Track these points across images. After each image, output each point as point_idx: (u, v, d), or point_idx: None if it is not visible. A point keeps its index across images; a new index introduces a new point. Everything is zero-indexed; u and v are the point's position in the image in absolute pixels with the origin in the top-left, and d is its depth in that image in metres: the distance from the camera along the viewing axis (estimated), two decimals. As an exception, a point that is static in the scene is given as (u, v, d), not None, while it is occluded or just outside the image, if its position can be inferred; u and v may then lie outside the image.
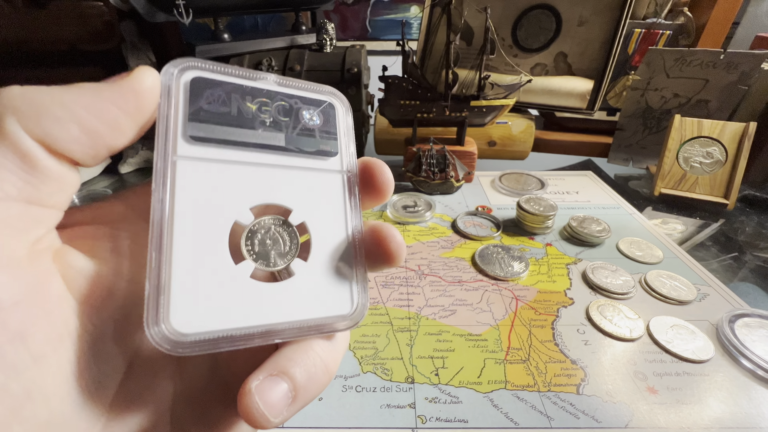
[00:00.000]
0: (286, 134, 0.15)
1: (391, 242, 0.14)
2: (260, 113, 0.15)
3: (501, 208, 0.55)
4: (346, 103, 0.17)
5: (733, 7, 0.66)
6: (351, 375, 0.31)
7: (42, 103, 0.10)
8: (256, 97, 0.15)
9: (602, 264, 0.43)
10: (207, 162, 0.13)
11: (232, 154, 0.13)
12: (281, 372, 0.12)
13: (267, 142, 0.14)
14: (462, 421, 0.28)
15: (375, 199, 0.16)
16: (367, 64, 0.69)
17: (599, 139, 0.73)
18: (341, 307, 0.14)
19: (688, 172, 0.57)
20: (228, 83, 0.14)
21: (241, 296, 0.12)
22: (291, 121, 0.15)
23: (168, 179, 0.12)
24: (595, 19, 0.65)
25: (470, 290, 0.40)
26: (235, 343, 0.12)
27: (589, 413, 0.28)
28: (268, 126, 0.14)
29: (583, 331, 0.35)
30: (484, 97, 0.58)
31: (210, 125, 0.13)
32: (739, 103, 0.59)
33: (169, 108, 0.12)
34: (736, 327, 0.34)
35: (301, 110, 0.16)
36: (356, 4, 1.35)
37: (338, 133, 0.16)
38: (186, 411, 0.13)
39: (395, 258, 0.15)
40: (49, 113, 0.10)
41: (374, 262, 0.15)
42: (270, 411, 0.12)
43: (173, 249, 0.11)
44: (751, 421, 0.28)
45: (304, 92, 0.16)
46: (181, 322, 0.11)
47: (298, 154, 0.15)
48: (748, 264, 0.46)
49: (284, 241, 0.14)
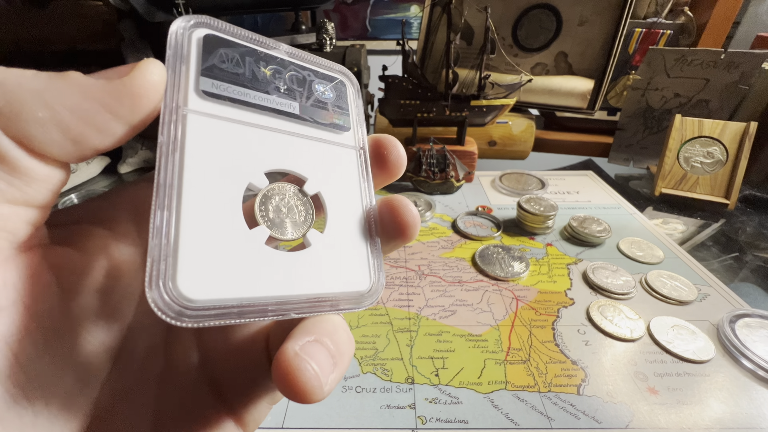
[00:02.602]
0: (300, 103, 0.14)
1: (405, 213, 0.14)
2: (274, 79, 0.14)
3: (501, 208, 0.55)
4: (357, 84, 0.16)
5: (734, 7, 0.66)
6: (351, 375, 0.31)
7: (22, 101, 0.09)
8: (269, 63, 0.14)
9: (603, 264, 0.42)
10: (220, 120, 0.12)
11: (245, 116, 0.12)
12: (317, 339, 0.11)
13: (281, 108, 0.14)
14: (462, 421, 0.28)
15: (387, 176, 0.15)
16: (367, 63, 0.69)
17: (600, 139, 0.73)
18: (359, 284, 0.13)
19: (688, 172, 0.57)
20: (241, 45, 0.13)
21: (256, 263, 0.11)
22: (305, 91, 0.14)
23: (178, 132, 0.11)
24: (595, 18, 0.65)
25: (470, 290, 0.40)
26: (246, 316, 0.10)
27: (590, 414, 0.28)
28: (282, 92, 0.14)
29: (583, 332, 0.35)
30: (485, 96, 0.57)
31: (223, 83, 0.12)
32: (739, 102, 0.59)
33: (179, 61, 0.12)
34: (737, 327, 0.34)
35: (314, 83, 0.15)
36: (356, 3, 1.35)
37: (350, 110, 0.16)
38: (171, 411, 0.13)
39: (410, 229, 0.14)
40: (29, 114, 0.09)
41: (389, 237, 0.14)
42: (323, 373, 0.10)
43: (182, 206, 0.10)
44: (751, 421, 0.28)
45: (317, 67, 0.15)
46: (189, 287, 0.10)
47: (312, 125, 0.14)
48: (748, 264, 0.46)
49: (299, 210, 0.13)
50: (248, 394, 0.13)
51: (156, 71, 0.11)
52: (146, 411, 0.12)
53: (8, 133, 0.09)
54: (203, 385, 0.13)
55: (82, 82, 0.10)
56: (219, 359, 0.14)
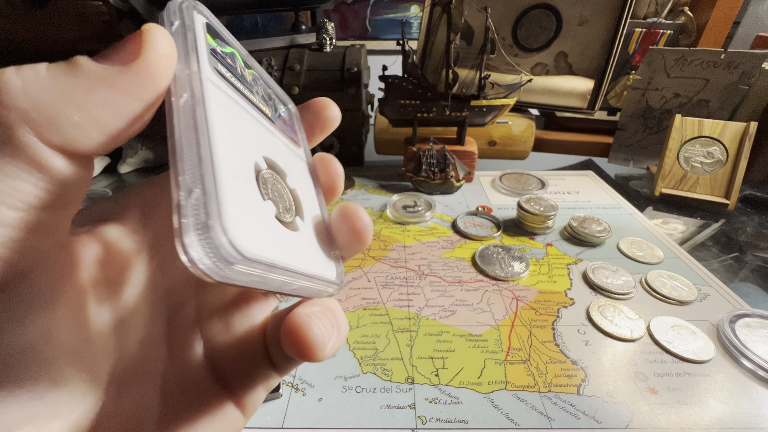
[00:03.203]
0: (271, 112, 0.15)
1: (357, 219, 0.15)
2: (254, 83, 0.15)
3: (501, 208, 0.55)
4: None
5: (734, 7, 0.66)
6: (351, 375, 0.31)
7: (54, 107, 0.09)
8: (250, 68, 0.15)
9: (603, 264, 0.42)
10: (229, 98, 0.12)
11: (243, 103, 0.13)
12: (321, 309, 0.13)
13: (263, 109, 0.14)
14: (462, 421, 0.28)
15: (322, 129, 0.17)
16: (367, 63, 0.69)
17: (600, 138, 0.73)
18: (330, 272, 0.14)
19: (688, 172, 0.57)
20: (231, 43, 0.14)
21: (277, 231, 0.11)
22: (272, 104, 0.16)
23: (198, 89, 0.10)
24: (595, 18, 0.65)
25: (470, 290, 0.40)
26: (281, 274, 0.10)
27: (590, 414, 0.28)
28: (260, 97, 0.15)
29: (583, 332, 0.35)
30: (485, 96, 0.57)
31: (224, 68, 0.12)
32: (739, 102, 0.59)
33: (189, 32, 0.11)
34: (737, 327, 0.34)
35: (276, 101, 0.16)
36: (356, 3, 1.35)
37: (299, 132, 0.17)
38: (176, 396, 0.13)
39: (362, 235, 0.15)
40: (66, 120, 0.09)
41: (345, 242, 0.15)
42: (327, 334, 0.12)
43: (214, 155, 0.09)
44: (751, 421, 0.28)
45: (276, 88, 0.17)
46: (239, 238, 0.09)
47: (281, 133, 0.15)
48: (748, 264, 0.46)
49: (287, 198, 0.13)
50: (247, 379, 0.14)
51: (166, 44, 0.10)
52: (153, 396, 0.13)
53: (50, 144, 0.09)
54: (206, 373, 0.14)
55: (100, 73, 0.09)
56: (220, 348, 0.14)
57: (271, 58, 0.63)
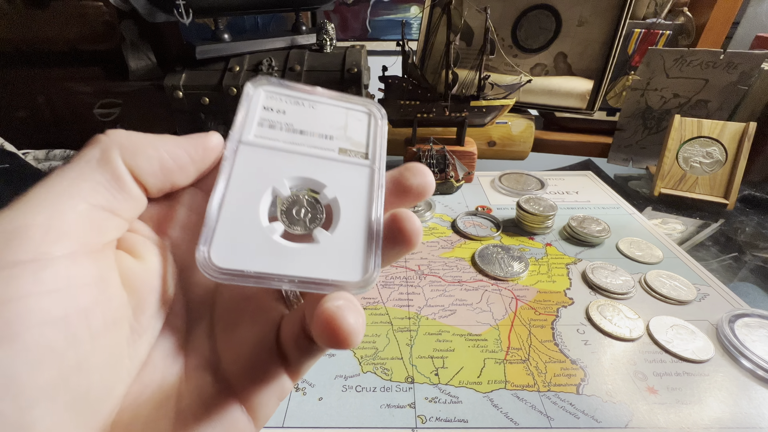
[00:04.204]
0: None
1: (408, 223, 0.15)
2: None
3: (501, 208, 0.55)
4: (380, 112, 0.19)
5: (733, 7, 0.66)
6: (351, 375, 0.31)
7: (140, 143, 0.14)
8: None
9: (602, 264, 0.43)
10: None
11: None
12: (345, 302, 0.13)
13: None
14: (462, 420, 0.28)
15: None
16: (367, 64, 0.69)
17: (599, 139, 0.73)
18: (352, 274, 0.15)
19: (687, 172, 0.57)
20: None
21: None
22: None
23: (232, 153, 0.15)
24: (594, 19, 0.65)
25: (470, 290, 0.40)
26: (248, 280, 0.14)
27: (589, 413, 0.28)
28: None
29: (582, 331, 0.35)
30: (484, 97, 0.58)
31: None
32: (738, 103, 0.60)
33: (246, 110, 0.17)
34: (736, 327, 0.34)
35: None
36: (356, 4, 1.35)
37: (369, 140, 0.19)
38: (191, 405, 0.14)
39: (413, 238, 0.15)
40: (144, 152, 0.14)
41: (393, 244, 0.16)
42: (357, 323, 0.13)
43: (225, 199, 0.15)
44: (751, 421, 0.28)
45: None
46: (217, 256, 0.14)
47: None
48: (747, 264, 0.46)
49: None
50: (260, 386, 0.15)
51: (216, 138, 0.16)
52: (168, 410, 0.14)
53: (126, 164, 0.13)
54: (219, 383, 0.15)
55: (175, 137, 0.15)
56: (231, 354, 0.15)
57: (272, 59, 0.63)
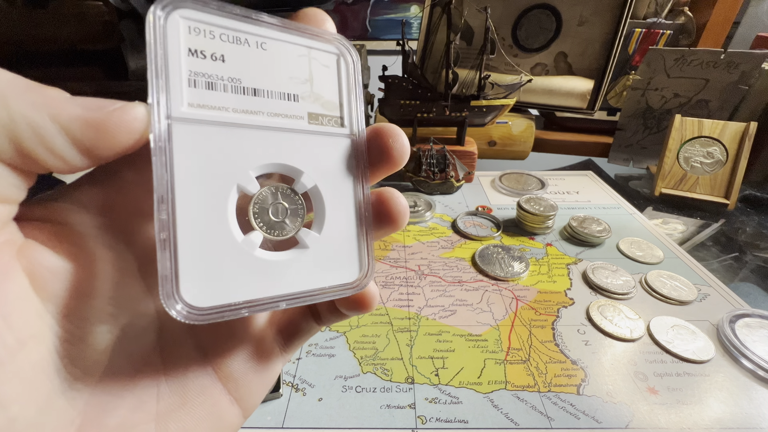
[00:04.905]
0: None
1: (395, 203, 0.15)
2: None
3: (501, 208, 0.55)
4: (353, 56, 0.15)
5: (734, 7, 0.66)
6: (351, 375, 0.31)
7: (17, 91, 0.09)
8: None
9: (602, 264, 0.42)
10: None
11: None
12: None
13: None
14: (462, 421, 0.28)
15: (390, 166, 0.15)
16: (367, 63, 0.69)
17: (599, 139, 0.73)
18: (349, 275, 0.14)
19: (688, 172, 0.57)
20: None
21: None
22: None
23: (165, 144, 0.11)
24: (595, 18, 0.65)
25: (470, 290, 0.40)
26: (240, 312, 0.12)
27: (590, 414, 0.28)
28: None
29: (583, 332, 0.35)
30: (485, 96, 0.57)
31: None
32: (739, 102, 0.59)
33: (163, 55, 0.11)
34: (737, 327, 0.34)
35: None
36: (356, 3, 1.35)
37: (340, 94, 0.14)
38: (171, 400, 0.13)
39: (400, 218, 0.15)
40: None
41: (379, 225, 0.15)
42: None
43: (176, 220, 0.11)
44: (751, 421, 0.28)
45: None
46: (192, 296, 0.11)
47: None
48: (748, 264, 0.46)
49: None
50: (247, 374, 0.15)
51: (139, 113, 0.11)
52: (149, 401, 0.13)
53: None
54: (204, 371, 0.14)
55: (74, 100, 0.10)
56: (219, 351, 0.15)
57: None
